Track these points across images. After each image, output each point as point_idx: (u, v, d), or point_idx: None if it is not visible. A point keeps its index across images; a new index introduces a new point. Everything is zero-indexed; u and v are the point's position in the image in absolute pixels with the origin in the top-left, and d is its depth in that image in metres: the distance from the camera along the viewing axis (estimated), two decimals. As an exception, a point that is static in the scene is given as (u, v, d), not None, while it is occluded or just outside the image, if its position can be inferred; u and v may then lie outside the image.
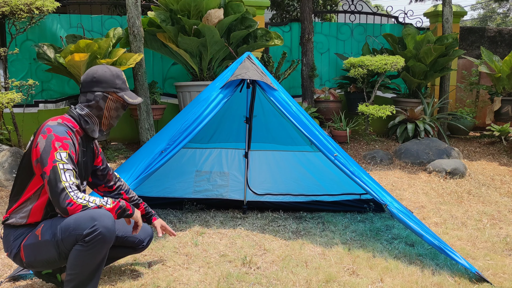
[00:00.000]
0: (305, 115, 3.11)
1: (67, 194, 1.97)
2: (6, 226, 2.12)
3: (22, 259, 2.08)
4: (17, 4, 4.56)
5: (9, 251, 2.11)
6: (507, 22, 24.11)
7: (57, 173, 1.97)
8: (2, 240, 2.15)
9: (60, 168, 1.98)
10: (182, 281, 2.56)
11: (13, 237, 2.09)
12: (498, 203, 4.29)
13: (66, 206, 1.96)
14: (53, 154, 1.99)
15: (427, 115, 6.58)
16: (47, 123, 2.09)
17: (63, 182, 1.97)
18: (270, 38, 5.63)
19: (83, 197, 2.01)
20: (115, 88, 2.22)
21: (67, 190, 1.97)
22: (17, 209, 2.10)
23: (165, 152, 2.93)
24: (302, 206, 3.87)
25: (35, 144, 2.03)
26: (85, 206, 2.00)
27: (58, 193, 1.96)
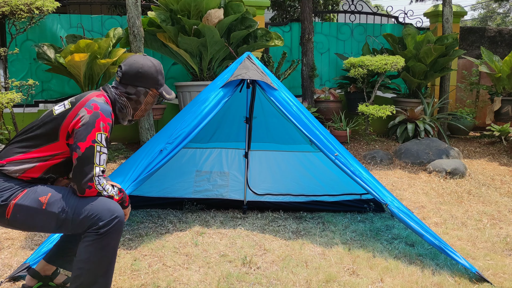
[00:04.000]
0: (306, 115, 3.10)
1: (93, 177, 1.96)
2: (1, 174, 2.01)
3: (5, 215, 1.96)
4: (17, 4, 4.56)
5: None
6: (507, 22, 24.11)
7: (93, 154, 1.96)
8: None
9: (97, 150, 1.97)
10: (182, 281, 2.56)
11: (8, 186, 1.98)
12: (498, 203, 4.29)
13: (86, 187, 1.95)
14: (94, 133, 1.97)
15: (427, 115, 6.58)
16: (92, 97, 2.05)
17: (95, 165, 1.97)
18: (270, 38, 5.63)
19: (102, 184, 2.01)
20: (157, 84, 2.24)
21: (96, 173, 1.97)
22: (18, 162, 2.01)
23: (165, 151, 2.93)
24: (302, 206, 3.87)
25: (76, 114, 1.99)
26: (99, 192, 2.00)
27: (86, 173, 1.95)
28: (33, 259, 2.55)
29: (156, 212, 3.74)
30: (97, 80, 5.09)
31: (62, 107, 2.08)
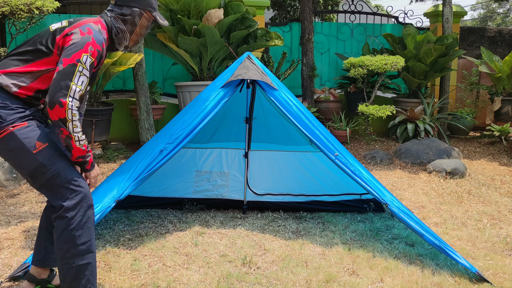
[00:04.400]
0: (306, 115, 3.10)
1: (67, 95, 1.93)
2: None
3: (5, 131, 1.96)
4: (17, 4, 4.55)
5: None
6: (507, 22, 24.11)
7: (74, 72, 1.95)
8: None
9: (78, 70, 1.97)
10: (182, 281, 2.56)
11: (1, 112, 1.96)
12: (498, 203, 4.29)
13: (57, 102, 1.91)
14: (80, 53, 1.98)
15: (427, 115, 6.58)
16: (89, 22, 2.09)
17: (73, 83, 1.95)
18: (270, 38, 5.63)
19: (75, 114, 1.96)
20: (151, 7, 2.27)
21: (70, 92, 1.94)
22: (13, 74, 2.01)
23: (165, 151, 2.93)
24: (302, 206, 3.87)
25: (69, 32, 2.02)
26: (68, 120, 1.94)
27: (62, 87, 1.93)
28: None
29: (156, 212, 3.74)
30: (97, 80, 5.09)
31: (59, 24, 2.10)
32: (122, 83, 6.20)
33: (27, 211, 3.63)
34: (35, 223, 3.39)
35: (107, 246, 2.97)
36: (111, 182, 2.99)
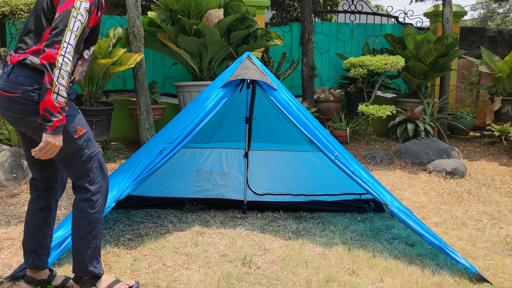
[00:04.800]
0: (305, 115, 3.10)
1: (62, 41, 1.88)
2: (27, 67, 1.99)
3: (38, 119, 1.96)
4: (17, 4, 4.55)
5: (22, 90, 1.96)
6: (507, 22, 24.12)
7: (68, 17, 1.90)
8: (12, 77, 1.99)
9: (73, 15, 1.91)
10: (182, 281, 2.56)
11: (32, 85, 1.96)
12: (498, 203, 4.29)
13: (51, 46, 1.86)
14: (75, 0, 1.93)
15: (427, 115, 6.58)
16: None
17: (68, 29, 1.89)
18: (270, 38, 5.63)
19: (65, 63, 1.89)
20: None
21: (65, 38, 1.88)
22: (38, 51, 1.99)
23: (165, 151, 2.93)
24: (302, 206, 3.87)
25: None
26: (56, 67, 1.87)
27: (57, 33, 1.88)
28: (33, 259, 2.55)
29: (156, 212, 3.74)
30: (97, 80, 5.09)
31: None
32: (122, 83, 6.20)
33: (27, 211, 3.63)
34: (35, 223, 3.38)
35: (107, 246, 2.97)
36: (111, 182, 2.99)
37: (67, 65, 1.91)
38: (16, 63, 2.00)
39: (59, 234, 2.66)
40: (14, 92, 1.98)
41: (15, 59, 2.01)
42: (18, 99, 1.99)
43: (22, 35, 2.06)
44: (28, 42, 2.02)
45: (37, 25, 2.02)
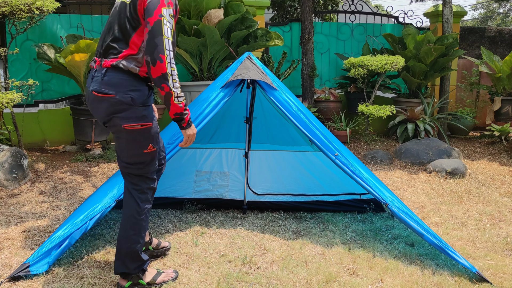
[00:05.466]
0: (306, 115, 3.10)
1: (164, 49, 2.09)
2: (121, 70, 2.18)
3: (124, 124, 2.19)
4: (17, 4, 4.55)
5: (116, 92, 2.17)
6: (507, 22, 24.12)
7: (161, 27, 2.10)
8: (106, 79, 2.18)
9: (164, 23, 2.11)
10: (182, 281, 2.56)
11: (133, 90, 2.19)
12: (498, 203, 4.29)
13: (157, 59, 2.08)
14: (160, 8, 2.11)
15: (427, 115, 6.58)
16: None
17: (164, 37, 2.09)
18: (270, 38, 5.63)
19: (173, 68, 2.14)
20: None
21: (165, 46, 2.09)
22: (128, 57, 2.19)
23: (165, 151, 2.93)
24: (302, 206, 3.87)
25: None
26: (169, 74, 2.11)
27: (157, 44, 2.08)
28: (33, 259, 2.55)
29: (156, 212, 3.74)
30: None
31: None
32: (122, 83, 6.19)
33: (27, 211, 3.63)
34: (35, 223, 3.39)
35: (107, 246, 2.97)
36: (112, 182, 3.00)
37: (174, 69, 2.14)
38: (109, 67, 2.19)
39: (59, 234, 2.66)
40: (108, 93, 2.18)
41: (108, 63, 2.20)
42: (111, 100, 2.18)
43: (108, 42, 2.23)
44: (117, 48, 2.21)
45: (124, 32, 2.20)
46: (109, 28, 2.25)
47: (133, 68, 2.19)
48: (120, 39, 2.21)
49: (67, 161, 4.98)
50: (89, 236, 3.13)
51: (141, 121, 2.23)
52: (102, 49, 2.26)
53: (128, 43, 2.20)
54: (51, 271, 2.59)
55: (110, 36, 2.23)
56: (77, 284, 2.48)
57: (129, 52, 2.20)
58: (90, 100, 2.27)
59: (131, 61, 2.20)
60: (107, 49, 2.23)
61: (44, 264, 2.55)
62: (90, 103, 2.28)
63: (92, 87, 2.22)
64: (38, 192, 4.08)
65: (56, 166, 4.79)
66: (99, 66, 2.24)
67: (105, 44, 2.24)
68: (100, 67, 2.23)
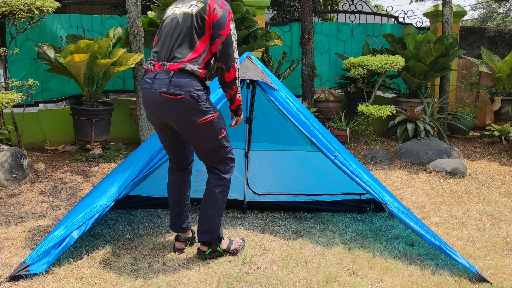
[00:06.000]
0: (305, 115, 3.10)
1: (234, 57, 2.54)
2: (187, 72, 2.48)
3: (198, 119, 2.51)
4: (17, 4, 4.55)
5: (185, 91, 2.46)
6: (507, 22, 24.12)
7: (231, 39, 2.52)
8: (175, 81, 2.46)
9: (232, 36, 2.53)
10: (182, 281, 2.56)
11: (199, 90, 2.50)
12: (498, 203, 4.29)
13: (231, 66, 2.54)
14: (229, 23, 2.52)
15: (427, 115, 6.58)
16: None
17: (234, 47, 2.53)
18: (270, 38, 5.63)
19: (239, 72, 2.62)
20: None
21: (235, 55, 2.55)
22: (193, 61, 2.50)
23: (164, 150, 2.93)
24: (302, 206, 3.87)
25: (212, 10, 2.49)
26: (237, 78, 2.59)
27: (230, 53, 2.52)
28: (32, 258, 2.55)
29: (156, 212, 3.74)
30: (97, 80, 5.09)
31: (193, 7, 2.53)
32: (122, 83, 6.20)
33: (27, 211, 3.63)
34: (35, 223, 3.39)
35: (107, 246, 2.97)
36: (110, 180, 3.00)
37: (239, 73, 2.64)
38: (177, 70, 2.47)
39: (57, 233, 2.66)
40: (178, 94, 2.47)
41: (175, 67, 2.48)
42: (182, 100, 2.47)
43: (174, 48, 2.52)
44: (183, 53, 2.50)
45: (190, 39, 2.51)
46: (171, 36, 2.54)
47: (196, 71, 2.48)
48: (186, 45, 2.50)
49: (67, 161, 4.98)
50: (89, 236, 3.13)
51: (210, 113, 2.54)
52: (164, 55, 2.54)
53: (192, 49, 2.50)
54: (51, 271, 2.59)
55: (174, 43, 2.52)
56: (77, 284, 2.48)
57: (193, 57, 2.50)
58: (157, 101, 2.51)
59: (195, 64, 2.50)
60: (172, 54, 2.51)
61: (43, 264, 2.55)
62: (157, 104, 2.53)
63: (160, 89, 2.48)
64: (38, 192, 4.08)
65: (56, 166, 4.79)
66: (161, 69, 2.51)
67: (169, 50, 2.53)
68: (164, 70, 2.50)
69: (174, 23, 2.56)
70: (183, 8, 2.58)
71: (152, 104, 2.56)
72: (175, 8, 2.65)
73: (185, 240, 2.97)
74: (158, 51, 2.59)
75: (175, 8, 2.65)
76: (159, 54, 2.57)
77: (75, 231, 2.67)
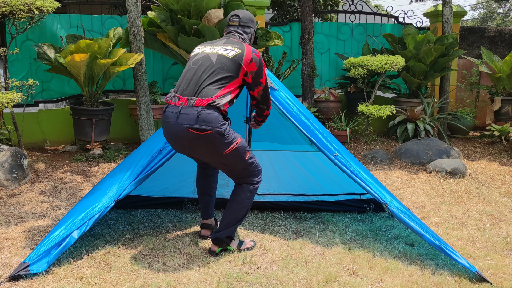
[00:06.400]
0: (305, 115, 3.10)
1: (270, 99, 2.93)
2: (215, 108, 2.63)
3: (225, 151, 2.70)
4: (17, 4, 4.55)
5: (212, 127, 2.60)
6: (507, 22, 24.12)
7: (268, 85, 2.88)
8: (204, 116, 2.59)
9: (268, 81, 2.89)
10: (182, 281, 2.56)
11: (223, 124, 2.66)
12: (498, 203, 4.29)
13: (269, 105, 2.94)
14: (265, 71, 2.82)
15: (427, 115, 6.57)
16: (249, 46, 2.79)
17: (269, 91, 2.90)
18: (270, 38, 5.63)
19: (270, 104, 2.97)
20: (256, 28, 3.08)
21: (271, 97, 2.94)
22: (221, 97, 2.65)
23: (164, 151, 2.93)
24: (302, 206, 3.87)
25: (250, 58, 2.71)
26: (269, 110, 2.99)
27: (268, 96, 2.90)
28: (32, 258, 2.55)
29: (156, 212, 3.74)
30: (97, 80, 5.09)
31: (230, 51, 2.72)
32: (122, 83, 6.20)
33: (27, 211, 3.63)
34: (35, 223, 3.39)
35: (107, 246, 2.97)
36: (110, 180, 3.00)
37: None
38: (205, 105, 2.60)
39: (57, 233, 2.66)
40: (206, 130, 2.59)
41: (203, 102, 2.60)
42: (208, 135, 2.61)
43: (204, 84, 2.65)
44: (212, 90, 2.64)
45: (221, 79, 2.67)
46: (201, 73, 2.68)
47: (221, 106, 2.64)
48: (216, 84, 2.65)
49: (67, 161, 4.98)
50: (89, 236, 3.13)
51: (234, 142, 2.71)
52: (191, 89, 2.66)
53: (222, 88, 2.66)
54: (51, 271, 2.59)
55: (204, 80, 2.66)
56: (77, 284, 2.48)
57: (221, 94, 2.66)
58: (184, 136, 2.63)
59: (222, 99, 2.66)
60: (200, 89, 2.65)
61: (43, 264, 2.55)
62: (183, 139, 2.65)
63: (187, 124, 2.59)
64: (38, 192, 4.08)
65: (56, 166, 4.79)
66: (186, 103, 2.63)
67: (197, 85, 2.66)
68: (191, 105, 2.62)
69: (205, 61, 2.71)
70: (215, 49, 2.76)
71: (178, 138, 2.68)
72: (204, 48, 2.81)
73: (209, 227, 3.19)
74: (184, 85, 2.70)
75: (204, 48, 2.81)
76: (185, 88, 2.69)
77: (75, 231, 2.67)
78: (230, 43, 2.79)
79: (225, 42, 2.81)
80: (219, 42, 2.84)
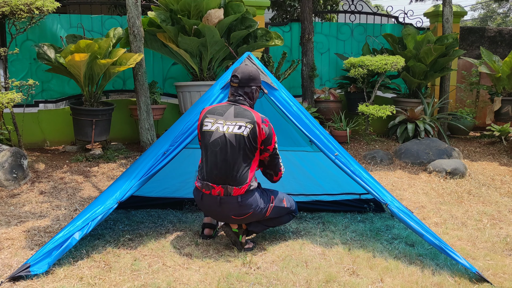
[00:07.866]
0: (305, 115, 3.11)
1: (280, 165, 3.01)
2: (251, 191, 2.84)
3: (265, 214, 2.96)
4: (17, 4, 4.55)
5: (253, 209, 2.86)
6: (507, 22, 24.12)
7: (277, 151, 2.95)
8: (244, 203, 2.81)
9: (277, 148, 2.95)
10: (182, 281, 2.56)
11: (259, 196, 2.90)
12: (498, 203, 4.29)
13: (278, 171, 3.02)
14: (274, 138, 2.89)
15: (427, 115, 6.58)
16: (257, 114, 2.85)
17: (279, 157, 2.99)
18: (270, 38, 5.63)
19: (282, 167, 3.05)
20: (260, 81, 3.01)
21: (280, 162, 3.01)
22: (252, 179, 2.85)
23: (167, 153, 2.95)
24: (302, 206, 3.87)
25: (261, 129, 2.81)
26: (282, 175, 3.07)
27: (277, 163, 2.99)
28: (34, 260, 2.55)
29: (156, 212, 3.74)
30: (97, 80, 5.09)
31: (244, 128, 2.79)
32: (122, 83, 6.20)
33: (27, 211, 3.63)
34: (35, 223, 3.39)
35: (107, 246, 2.97)
36: (116, 185, 3.02)
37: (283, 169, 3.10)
38: (244, 192, 2.82)
39: (60, 235, 2.67)
40: (248, 213, 2.86)
41: (241, 191, 2.81)
42: (251, 216, 2.89)
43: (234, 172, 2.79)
44: (244, 175, 2.82)
45: (247, 161, 2.83)
46: (228, 159, 2.78)
47: (254, 183, 2.87)
48: (245, 167, 2.82)
49: (67, 161, 4.98)
50: (89, 236, 3.13)
51: (270, 203, 2.97)
52: (223, 176, 2.79)
53: (250, 168, 2.84)
54: (51, 271, 2.59)
55: (232, 166, 2.79)
56: (77, 284, 2.48)
57: (252, 174, 2.86)
58: (227, 218, 2.89)
59: (253, 179, 2.87)
60: (232, 176, 2.79)
61: (44, 265, 2.56)
62: (228, 219, 2.90)
63: (231, 213, 2.84)
64: (38, 192, 4.08)
65: (56, 166, 4.79)
66: (223, 193, 2.81)
67: (228, 173, 2.78)
68: (229, 194, 2.81)
69: (225, 144, 2.79)
70: (229, 127, 2.80)
71: (222, 219, 2.96)
72: (217, 124, 2.83)
73: (212, 226, 3.22)
74: (214, 172, 2.81)
75: (217, 124, 2.83)
76: (216, 174, 2.80)
77: (77, 232, 2.68)
78: (241, 117, 2.82)
79: (235, 115, 2.83)
80: (229, 116, 2.84)
